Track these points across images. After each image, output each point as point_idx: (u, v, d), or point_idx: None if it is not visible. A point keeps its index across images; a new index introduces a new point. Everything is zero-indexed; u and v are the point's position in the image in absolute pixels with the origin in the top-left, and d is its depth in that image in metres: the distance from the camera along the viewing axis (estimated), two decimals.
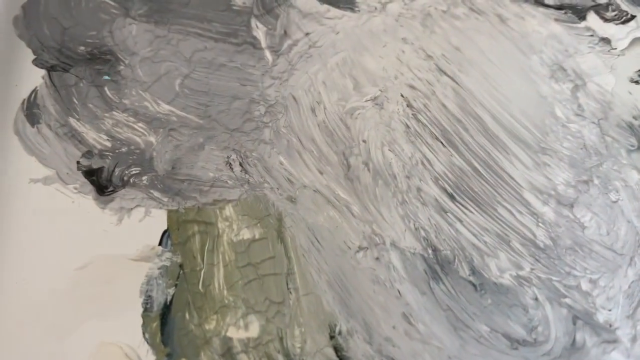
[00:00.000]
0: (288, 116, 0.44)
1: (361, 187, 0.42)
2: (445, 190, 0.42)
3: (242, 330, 0.40)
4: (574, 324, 0.39)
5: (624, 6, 0.44)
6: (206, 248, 0.42)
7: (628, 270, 0.40)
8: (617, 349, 0.39)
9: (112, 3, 0.46)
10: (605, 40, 0.44)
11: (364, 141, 0.43)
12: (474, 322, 0.40)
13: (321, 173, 0.43)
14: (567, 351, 0.39)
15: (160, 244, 0.42)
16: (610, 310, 0.39)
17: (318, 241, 0.42)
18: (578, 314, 0.39)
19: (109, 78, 0.44)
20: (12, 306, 0.41)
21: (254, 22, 0.46)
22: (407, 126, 0.43)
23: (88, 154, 0.44)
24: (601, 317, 0.39)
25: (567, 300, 0.40)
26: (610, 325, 0.39)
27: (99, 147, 0.44)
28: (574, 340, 0.39)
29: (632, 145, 0.42)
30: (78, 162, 0.44)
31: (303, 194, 0.43)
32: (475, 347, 0.39)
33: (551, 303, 0.40)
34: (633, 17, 0.44)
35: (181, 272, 0.42)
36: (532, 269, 0.40)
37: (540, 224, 0.41)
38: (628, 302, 0.39)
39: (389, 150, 0.43)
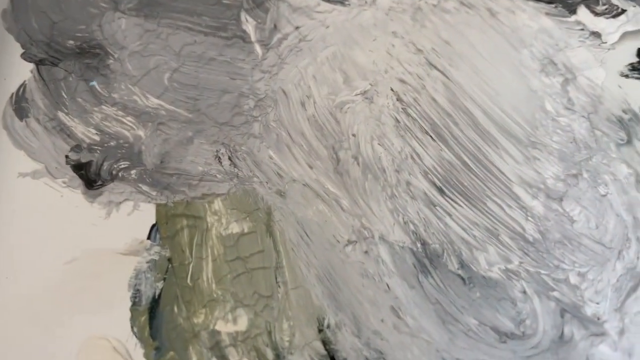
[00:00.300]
0: (277, 110, 0.44)
1: (350, 181, 0.42)
2: (435, 184, 0.42)
3: (231, 323, 0.40)
4: (562, 317, 0.39)
5: (615, 0, 0.44)
6: (195, 242, 0.42)
7: (616, 264, 0.40)
8: (605, 342, 0.39)
9: None
10: (596, 34, 0.44)
11: (354, 135, 0.43)
12: (463, 316, 0.40)
13: (310, 167, 0.43)
14: (555, 344, 0.39)
15: (148, 237, 0.42)
16: (598, 303, 0.39)
17: (307, 235, 0.42)
18: (566, 307, 0.39)
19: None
20: (0, 300, 0.41)
21: (243, 15, 0.45)
22: (397, 120, 0.43)
23: (77, 148, 0.44)
24: (589, 310, 0.39)
25: (555, 293, 0.40)
26: (598, 319, 0.39)
27: (87, 141, 0.44)
28: (562, 333, 0.39)
29: (622, 139, 0.42)
30: (67, 156, 0.44)
31: (292, 188, 0.42)
32: (463, 340, 0.39)
33: (539, 296, 0.40)
34: (623, 11, 0.44)
35: (170, 266, 0.41)
36: (520, 263, 0.40)
37: (529, 218, 0.41)
38: (616, 296, 0.39)
39: (379, 144, 0.43)
